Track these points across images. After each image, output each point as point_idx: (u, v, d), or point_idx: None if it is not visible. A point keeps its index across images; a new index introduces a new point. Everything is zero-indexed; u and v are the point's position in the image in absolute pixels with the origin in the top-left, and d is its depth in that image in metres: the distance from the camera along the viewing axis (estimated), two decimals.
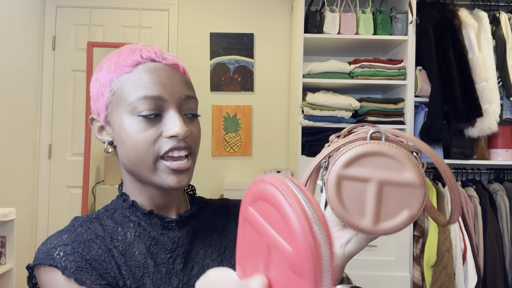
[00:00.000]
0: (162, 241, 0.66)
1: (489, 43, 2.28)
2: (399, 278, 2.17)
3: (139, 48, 0.66)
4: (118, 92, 0.64)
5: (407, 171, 0.44)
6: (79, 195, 2.77)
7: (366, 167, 0.44)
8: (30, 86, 2.74)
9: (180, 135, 0.61)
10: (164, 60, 0.66)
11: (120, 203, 0.68)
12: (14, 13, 2.53)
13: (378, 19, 2.33)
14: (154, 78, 0.63)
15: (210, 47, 2.91)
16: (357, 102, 2.28)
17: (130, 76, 0.64)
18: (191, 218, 0.71)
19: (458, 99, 2.19)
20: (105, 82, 0.65)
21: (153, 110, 0.62)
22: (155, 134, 0.62)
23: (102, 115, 0.67)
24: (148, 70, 0.63)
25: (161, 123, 0.63)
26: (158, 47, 0.68)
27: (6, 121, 2.44)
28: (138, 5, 2.91)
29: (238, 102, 2.90)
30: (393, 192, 0.44)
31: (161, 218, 0.67)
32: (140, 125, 0.62)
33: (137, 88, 0.62)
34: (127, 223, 0.66)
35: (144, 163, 0.63)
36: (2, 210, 1.93)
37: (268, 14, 2.94)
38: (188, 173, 0.65)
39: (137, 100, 0.62)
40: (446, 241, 2.10)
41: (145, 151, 0.62)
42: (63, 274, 0.57)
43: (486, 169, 2.51)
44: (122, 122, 0.63)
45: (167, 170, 0.63)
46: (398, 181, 0.44)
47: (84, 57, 2.82)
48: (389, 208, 0.44)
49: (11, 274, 2.01)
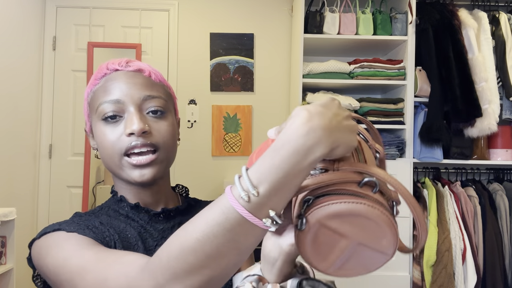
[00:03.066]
0: (149, 230, 0.71)
1: (488, 43, 2.28)
2: (399, 278, 2.17)
3: (108, 62, 0.73)
4: (91, 102, 0.72)
5: (385, 240, 0.43)
6: (79, 195, 2.78)
7: (350, 226, 0.43)
8: (30, 86, 2.75)
9: (135, 131, 0.66)
10: (127, 68, 0.72)
11: (111, 200, 0.76)
12: (15, 13, 2.53)
13: (378, 19, 2.34)
14: (114, 84, 0.69)
15: (210, 47, 2.91)
16: (357, 102, 2.29)
17: (98, 86, 0.71)
18: (178, 213, 0.76)
19: (457, 99, 2.19)
20: (85, 96, 0.75)
21: (113, 112, 0.68)
22: (118, 134, 0.68)
23: (88, 125, 0.75)
24: (110, 79, 0.71)
25: (122, 124, 0.68)
26: (128, 58, 0.74)
27: (6, 121, 2.44)
28: (138, 5, 2.92)
29: (238, 102, 2.91)
30: (362, 253, 0.44)
31: (147, 211, 0.72)
32: (106, 128, 0.69)
33: (101, 95, 0.70)
34: (118, 217, 0.72)
35: (113, 161, 0.69)
36: (3, 210, 1.94)
37: (268, 14, 2.95)
38: (152, 167, 0.68)
39: (100, 105, 0.69)
40: (445, 241, 2.10)
41: (111, 150, 0.68)
42: (67, 232, 0.61)
43: (486, 169, 2.51)
44: (96, 128, 0.71)
45: (129, 165, 0.68)
46: (373, 247, 0.44)
47: (84, 57, 2.83)
48: (352, 263, 0.45)
49: (12, 274, 2.01)
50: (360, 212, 0.42)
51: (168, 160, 0.72)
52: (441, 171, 2.45)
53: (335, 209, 0.42)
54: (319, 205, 0.43)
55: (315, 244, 0.44)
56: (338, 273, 0.46)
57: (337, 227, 0.43)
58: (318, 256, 0.45)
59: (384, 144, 2.24)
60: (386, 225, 0.42)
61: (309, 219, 0.43)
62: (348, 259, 0.44)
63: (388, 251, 0.44)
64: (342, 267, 0.45)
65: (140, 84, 0.70)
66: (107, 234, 0.65)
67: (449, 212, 2.17)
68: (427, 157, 2.25)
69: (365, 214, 0.42)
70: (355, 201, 0.42)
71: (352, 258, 0.44)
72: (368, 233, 0.43)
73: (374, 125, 2.49)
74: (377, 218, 0.42)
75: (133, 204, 0.72)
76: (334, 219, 0.42)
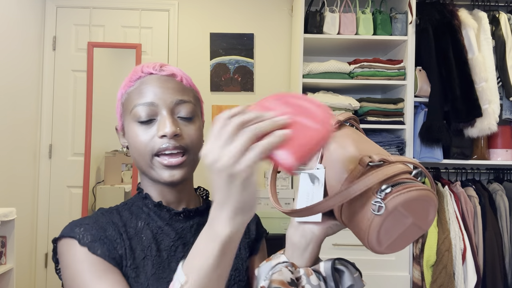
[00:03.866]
0: (166, 230, 0.74)
1: (488, 43, 2.28)
2: (399, 278, 2.17)
3: (143, 65, 0.77)
4: (125, 103, 0.76)
5: (429, 218, 0.52)
6: (79, 195, 2.78)
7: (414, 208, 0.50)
8: (30, 86, 2.75)
9: (168, 133, 0.69)
10: (161, 72, 0.75)
11: (136, 196, 0.80)
12: (15, 13, 2.53)
13: (378, 19, 2.34)
14: (149, 88, 0.73)
15: (210, 47, 2.91)
16: (357, 102, 2.29)
17: (133, 88, 0.75)
18: (197, 215, 0.79)
19: (457, 99, 2.19)
20: (118, 97, 0.79)
21: (147, 116, 0.71)
22: (150, 136, 0.71)
23: (120, 124, 0.79)
24: (145, 82, 0.74)
25: (155, 126, 0.72)
26: (162, 62, 0.78)
27: (6, 121, 2.44)
28: (138, 6, 2.92)
29: (238, 102, 2.91)
30: (411, 230, 0.52)
31: (169, 210, 0.76)
32: (139, 129, 0.72)
33: (136, 98, 0.73)
34: (140, 214, 0.76)
35: (144, 161, 0.72)
36: (3, 210, 1.94)
37: (268, 14, 2.95)
38: (181, 168, 0.72)
39: (135, 107, 0.72)
40: (445, 241, 2.10)
41: (143, 150, 0.71)
42: (79, 243, 0.66)
43: (486, 169, 2.51)
44: (128, 129, 0.75)
45: (160, 165, 0.71)
46: (420, 224, 0.52)
47: (84, 57, 2.83)
48: (401, 241, 0.53)
49: (12, 274, 2.01)
50: (428, 196, 0.50)
51: (195, 162, 0.75)
52: (441, 171, 2.45)
53: (412, 195, 0.49)
54: (396, 192, 0.49)
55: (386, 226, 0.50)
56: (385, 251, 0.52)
57: (406, 210, 0.50)
58: (385, 237, 0.51)
59: (384, 144, 2.24)
60: (435, 206, 0.52)
61: (388, 204, 0.49)
62: (401, 237, 0.52)
63: (426, 227, 0.53)
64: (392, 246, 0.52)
65: (172, 89, 0.74)
66: (118, 242, 0.69)
67: (449, 212, 2.17)
68: (427, 157, 2.25)
69: (431, 198, 0.50)
70: (424, 188, 0.50)
71: (403, 236, 0.52)
72: (422, 213, 0.51)
73: (374, 125, 2.47)
74: (434, 201, 0.51)
75: (156, 202, 0.75)
76: (409, 203, 0.50)
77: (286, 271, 0.56)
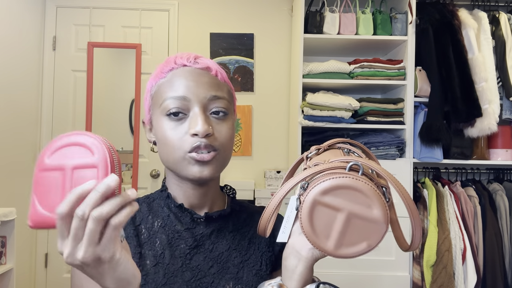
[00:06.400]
0: (184, 236, 0.70)
1: (488, 43, 2.28)
2: (399, 278, 2.17)
3: (177, 55, 0.72)
4: (155, 95, 0.71)
5: (375, 209, 0.48)
6: None
7: (340, 198, 0.49)
8: (30, 86, 2.75)
9: (200, 133, 0.65)
10: (195, 64, 0.70)
11: (159, 193, 0.76)
12: (15, 13, 2.53)
13: (378, 19, 2.34)
14: (181, 81, 0.68)
15: (210, 47, 2.91)
16: (357, 102, 2.29)
17: (164, 80, 0.70)
18: (220, 219, 0.74)
19: (457, 99, 2.19)
20: (148, 88, 0.73)
21: (177, 109, 0.67)
22: (181, 132, 0.67)
23: (147, 118, 0.74)
24: (178, 74, 0.69)
25: (187, 121, 0.67)
26: (196, 54, 0.72)
27: (6, 121, 2.44)
28: (138, 6, 2.92)
29: (238, 102, 2.91)
30: (358, 224, 0.49)
31: (190, 213, 0.72)
32: (169, 124, 0.67)
33: (167, 90, 0.68)
34: (159, 213, 0.72)
35: (173, 158, 0.68)
36: (3, 210, 1.94)
37: (268, 14, 2.95)
38: (211, 166, 0.67)
39: (165, 100, 0.68)
40: (445, 241, 2.10)
41: (173, 147, 0.67)
42: None
43: (486, 169, 2.51)
44: (157, 122, 0.70)
45: (191, 161, 0.67)
46: (365, 216, 0.49)
47: (84, 57, 2.83)
48: (352, 237, 0.50)
49: (12, 274, 2.01)
50: (346, 183, 0.48)
51: (225, 161, 0.71)
52: (441, 171, 2.45)
53: (325, 185, 0.49)
54: (312, 186, 0.49)
55: (316, 223, 0.50)
56: (344, 251, 0.50)
57: (330, 201, 0.49)
58: (321, 235, 0.50)
59: (384, 144, 2.24)
60: (372, 195, 0.48)
61: (306, 199, 0.49)
62: (347, 232, 0.49)
63: (379, 220, 0.48)
64: (344, 243, 0.50)
65: (206, 83, 0.69)
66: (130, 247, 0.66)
67: (449, 212, 2.17)
68: (427, 157, 2.25)
69: (351, 185, 0.48)
70: (341, 176, 0.48)
71: (350, 231, 0.49)
72: (358, 204, 0.48)
73: (374, 125, 2.48)
74: (362, 187, 0.48)
75: (177, 204, 0.72)
76: (326, 195, 0.49)
77: None
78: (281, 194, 0.55)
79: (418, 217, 0.51)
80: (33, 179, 0.47)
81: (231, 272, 0.71)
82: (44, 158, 0.47)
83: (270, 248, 0.75)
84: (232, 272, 0.71)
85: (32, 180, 0.48)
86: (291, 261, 0.56)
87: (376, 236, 0.49)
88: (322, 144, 0.63)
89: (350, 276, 2.17)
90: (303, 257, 0.55)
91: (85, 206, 0.43)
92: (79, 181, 0.46)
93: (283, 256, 0.58)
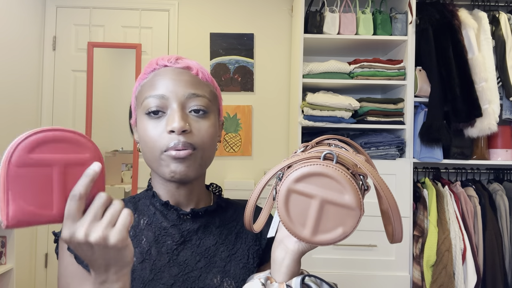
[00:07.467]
0: (171, 232, 0.71)
1: (488, 43, 2.28)
2: (398, 278, 2.17)
3: (160, 57, 0.74)
4: (138, 95, 0.73)
5: (347, 194, 0.49)
6: None
7: (313, 185, 0.50)
8: (30, 86, 2.75)
9: (176, 129, 0.65)
10: (176, 64, 0.72)
11: (145, 193, 0.77)
12: (15, 13, 2.53)
13: (378, 20, 2.34)
14: (161, 80, 0.69)
15: (210, 47, 2.91)
16: (357, 102, 2.29)
17: (146, 81, 0.72)
18: (206, 215, 0.75)
19: (457, 99, 2.19)
20: (133, 90, 0.76)
21: (156, 107, 0.68)
22: (159, 130, 0.67)
23: (133, 119, 0.76)
24: (158, 74, 0.71)
25: (164, 120, 0.68)
26: (178, 55, 0.75)
27: (6, 121, 2.44)
28: (138, 5, 2.92)
29: (238, 102, 2.91)
30: (332, 211, 0.50)
31: (176, 209, 0.73)
32: (149, 122, 0.68)
33: (148, 90, 0.70)
34: (146, 211, 0.73)
35: (153, 156, 0.69)
36: None
37: (268, 14, 2.95)
38: (187, 163, 0.68)
39: (145, 99, 0.69)
40: (445, 241, 2.10)
41: (152, 146, 0.68)
42: (68, 249, 0.67)
43: (486, 169, 2.51)
44: (139, 122, 0.71)
45: (168, 159, 0.67)
46: (338, 202, 0.49)
47: (84, 57, 2.83)
48: (327, 223, 0.50)
49: (12, 274, 2.01)
50: (317, 170, 0.49)
51: (205, 161, 0.71)
52: (441, 171, 2.45)
53: (297, 173, 0.50)
54: (286, 175, 0.51)
55: (292, 211, 0.51)
56: (320, 238, 0.51)
57: (303, 189, 0.50)
58: (297, 223, 0.51)
59: (384, 144, 2.24)
60: (344, 181, 0.49)
61: (280, 188, 0.51)
62: (321, 219, 0.50)
63: (352, 205, 0.49)
64: (320, 229, 0.51)
65: (185, 82, 0.70)
66: None
67: (449, 212, 2.17)
68: (427, 157, 2.25)
69: (322, 172, 0.49)
70: (313, 163, 0.50)
71: (325, 217, 0.50)
72: (330, 190, 0.49)
73: (374, 125, 2.48)
74: (334, 174, 0.49)
75: (163, 201, 0.73)
76: (299, 182, 0.50)
77: (256, 283, 0.56)
78: (260, 186, 0.57)
79: (396, 209, 0.51)
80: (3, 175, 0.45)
81: (219, 265, 0.71)
82: (22, 154, 0.46)
83: (257, 242, 0.77)
84: (220, 265, 0.71)
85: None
86: (278, 254, 0.57)
87: (351, 222, 0.49)
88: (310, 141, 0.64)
89: (350, 276, 2.17)
90: (289, 249, 0.56)
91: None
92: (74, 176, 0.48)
93: (272, 249, 0.59)
